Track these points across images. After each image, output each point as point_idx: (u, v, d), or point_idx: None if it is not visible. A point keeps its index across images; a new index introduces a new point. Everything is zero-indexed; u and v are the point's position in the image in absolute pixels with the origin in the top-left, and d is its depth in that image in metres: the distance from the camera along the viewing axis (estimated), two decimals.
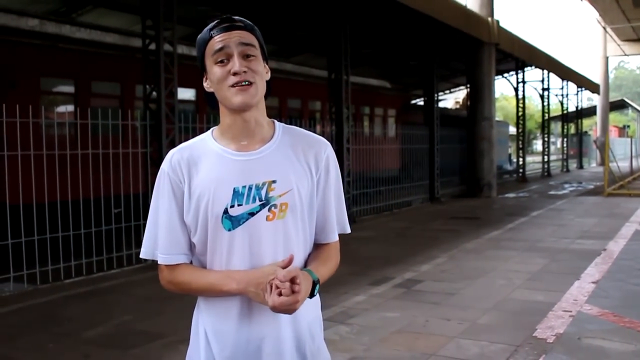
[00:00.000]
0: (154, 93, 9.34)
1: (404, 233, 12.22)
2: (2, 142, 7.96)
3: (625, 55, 46.65)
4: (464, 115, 22.35)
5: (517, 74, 26.87)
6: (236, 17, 1.87)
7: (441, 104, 23.42)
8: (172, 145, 9.18)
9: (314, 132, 2.06)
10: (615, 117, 68.54)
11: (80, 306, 6.94)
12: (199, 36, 1.89)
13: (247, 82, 1.81)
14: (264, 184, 1.84)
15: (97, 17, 14.52)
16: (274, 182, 1.84)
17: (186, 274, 1.88)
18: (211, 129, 1.95)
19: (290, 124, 2.13)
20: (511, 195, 20.59)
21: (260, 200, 1.83)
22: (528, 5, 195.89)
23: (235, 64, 1.80)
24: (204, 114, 11.82)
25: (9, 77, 9.91)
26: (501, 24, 20.02)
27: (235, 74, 1.80)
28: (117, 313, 6.53)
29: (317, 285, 1.85)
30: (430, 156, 18.60)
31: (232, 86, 1.81)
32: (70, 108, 11.18)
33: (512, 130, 38.42)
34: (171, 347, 5.39)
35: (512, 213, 15.09)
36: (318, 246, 2.00)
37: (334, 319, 6.09)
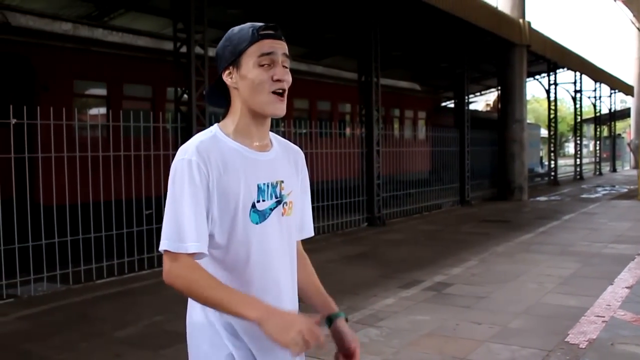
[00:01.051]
0: (185, 95, 9.42)
1: (434, 236, 12.15)
2: (36, 144, 8.10)
3: None
4: (495, 118, 22.17)
5: (548, 75, 26.59)
6: (277, 26, 1.96)
7: (472, 106, 23.25)
8: None
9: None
10: None
11: (112, 306, 7.01)
12: (234, 31, 1.94)
13: (283, 91, 1.92)
14: (277, 182, 1.98)
15: (129, 21, 14.68)
16: (282, 182, 1.99)
17: (204, 275, 1.82)
18: (214, 127, 1.97)
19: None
20: (543, 198, 20.38)
21: (276, 197, 1.97)
22: (560, 7, 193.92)
23: (280, 71, 1.90)
24: None
25: (42, 80, 10.05)
26: (533, 26, 19.82)
27: (279, 80, 1.89)
28: (147, 313, 6.59)
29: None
30: (461, 159, 18.49)
31: (274, 93, 1.90)
32: (102, 110, 11.31)
33: (544, 132, 38.07)
34: None
35: (544, 216, 14.93)
36: (297, 244, 2.16)
37: (364, 321, 6.08)
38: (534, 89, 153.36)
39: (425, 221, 14.59)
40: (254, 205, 1.90)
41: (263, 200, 1.93)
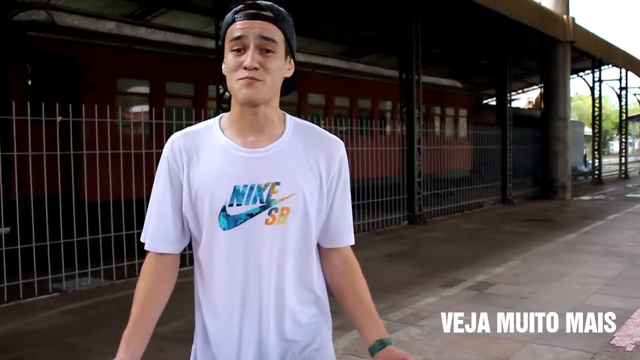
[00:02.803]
0: (227, 93, 9.47)
1: (476, 235, 12.03)
2: (81, 141, 8.23)
3: None
4: (538, 116, 21.86)
5: (593, 72, 26.14)
6: (264, 3, 1.74)
7: (514, 104, 22.97)
8: None
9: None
10: None
11: None
12: (226, 16, 1.79)
13: (254, 79, 1.70)
14: (266, 185, 1.74)
15: (171, 19, 14.85)
16: (277, 184, 1.75)
17: (141, 286, 1.87)
18: (219, 116, 1.86)
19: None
20: (586, 197, 20.04)
21: (262, 202, 1.74)
22: (606, 2, 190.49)
23: (248, 58, 1.68)
24: None
25: (87, 79, 10.22)
26: (577, 21, 19.49)
27: (245, 68, 1.69)
28: (190, 309, 6.56)
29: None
30: (503, 157, 18.27)
31: (240, 80, 1.70)
32: (145, 108, 11.45)
33: (588, 130, 37.45)
34: None
35: (588, 216, 14.67)
36: (332, 255, 1.91)
37: (405, 320, 6.04)
38: (578, 86, 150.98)
39: (466, 220, 14.46)
40: (224, 209, 1.73)
41: (238, 205, 1.73)
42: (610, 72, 28.08)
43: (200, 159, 1.78)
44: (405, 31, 13.72)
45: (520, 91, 32.90)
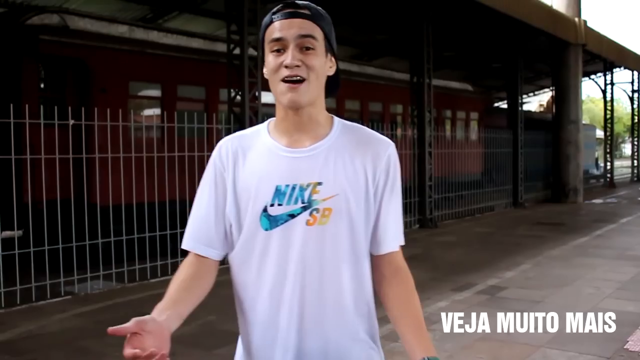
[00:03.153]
0: (238, 97, 9.50)
1: (487, 238, 12.00)
2: (93, 145, 8.27)
3: None
4: (549, 119, 21.81)
5: (605, 75, 26.03)
6: (302, 3, 1.73)
7: (525, 107, 22.89)
8: None
9: (392, 136, 1.88)
10: None
11: None
12: (264, 19, 1.76)
13: (298, 78, 1.68)
14: (308, 185, 1.70)
15: (183, 23, 14.90)
16: (319, 184, 1.70)
17: (177, 274, 1.80)
18: (269, 120, 1.84)
19: (372, 127, 2.00)
20: (598, 201, 19.94)
21: (303, 202, 1.69)
22: (617, 4, 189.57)
23: (289, 56, 1.67)
24: None
25: (99, 82, 10.26)
26: (589, 24, 19.42)
27: (287, 66, 1.67)
28: (201, 313, 6.61)
29: None
30: (514, 160, 18.23)
31: (284, 81, 1.68)
32: (157, 111, 11.49)
33: (599, 133, 37.25)
34: None
35: (600, 219, 14.60)
36: (380, 262, 1.82)
37: None
38: (589, 88, 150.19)
39: (477, 223, 14.42)
40: (266, 209, 1.70)
41: (279, 205, 1.70)
42: (622, 75, 27.95)
43: (246, 161, 1.77)
44: (416, 35, 13.71)
45: (532, 94, 32.78)
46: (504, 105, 27.15)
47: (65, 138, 7.49)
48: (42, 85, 10.12)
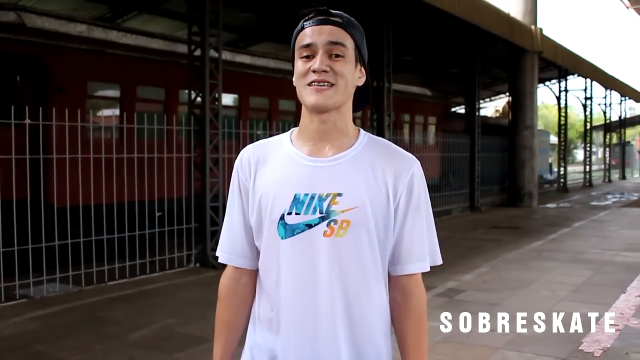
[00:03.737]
0: (199, 99, 9.44)
1: (445, 242, 12.00)
2: (50, 145, 8.13)
3: None
4: (505, 124, 22.14)
5: (559, 82, 26.53)
6: (334, 11, 1.72)
7: (481, 112, 23.23)
8: (216, 150, 9.29)
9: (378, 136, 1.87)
10: None
11: (125, 308, 7.03)
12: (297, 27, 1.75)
13: (326, 84, 1.66)
14: (327, 195, 1.66)
15: (142, 23, 14.74)
16: (339, 195, 1.66)
17: (223, 304, 1.85)
18: (292, 129, 1.83)
19: None
20: (552, 205, 20.32)
21: (321, 212, 1.66)
22: (571, 13, 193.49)
23: (317, 61, 1.65)
24: (246, 119, 11.94)
25: (58, 82, 10.09)
26: (544, 32, 19.78)
27: (314, 71, 1.65)
28: (160, 316, 6.60)
29: None
30: (471, 164, 18.46)
31: (309, 85, 1.67)
32: (116, 112, 11.36)
33: (553, 139, 37.97)
34: None
35: (554, 223, 14.88)
36: (394, 283, 1.79)
37: None
38: (543, 95, 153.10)
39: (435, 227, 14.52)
40: (283, 217, 1.68)
41: (297, 213, 1.67)
42: (575, 82, 28.42)
43: (267, 169, 1.76)
44: (377, 39, 13.79)
45: (488, 99, 33.25)
46: (461, 110, 27.47)
47: (22, 138, 7.35)
48: None
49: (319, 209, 1.66)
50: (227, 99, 11.60)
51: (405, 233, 1.75)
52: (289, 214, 1.68)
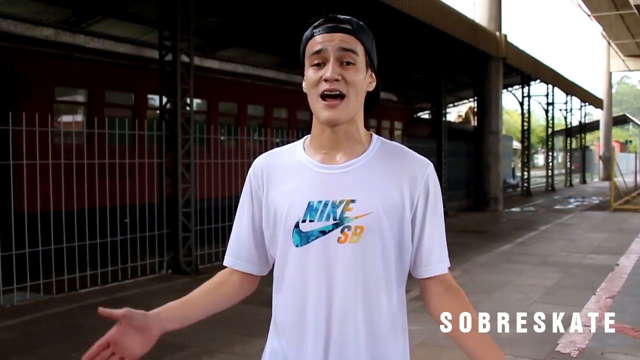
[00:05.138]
0: (169, 104, 9.35)
1: None
2: (19, 151, 7.98)
3: (629, 70, 46.89)
4: (470, 129, 22.42)
5: (522, 88, 26.93)
6: (344, 17, 1.72)
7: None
8: (188, 156, 9.21)
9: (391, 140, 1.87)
10: (616, 132, 68.54)
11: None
12: (305, 33, 1.75)
13: (337, 93, 1.66)
14: (341, 202, 1.67)
15: (108, 27, 14.58)
16: (352, 201, 1.67)
17: (217, 279, 1.85)
18: (305, 137, 1.84)
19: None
20: (517, 209, 20.59)
21: (335, 219, 1.66)
22: (534, 20, 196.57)
23: (329, 70, 1.65)
24: (216, 125, 11.87)
25: (24, 86, 9.92)
26: (508, 39, 20.09)
27: (326, 80, 1.65)
28: None
29: None
30: (438, 169, 18.59)
31: (322, 96, 1.67)
32: (84, 117, 11.20)
33: (516, 144, 38.48)
34: (194, 358, 5.38)
35: (521, 227, 15.09)
36: (427, 285, 1.81)
37: None
38: (505, 101, 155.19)
39: None
40: (297, 225, 1.69)
41: (311, 221, 1.67)
42: (537, 88, 28.85)
43: (281, 177, 1.76)
44: None
45: (452, 105, 33.58)
46: (426, 115, 27.70)
47: None
48: None
49: (332, 215, 1.67)
50: (196, 104, 11.50)
51: (432, 236, 1.77)
52: (303, 221, 1.68)
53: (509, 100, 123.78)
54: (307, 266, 1.69)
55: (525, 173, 27.49)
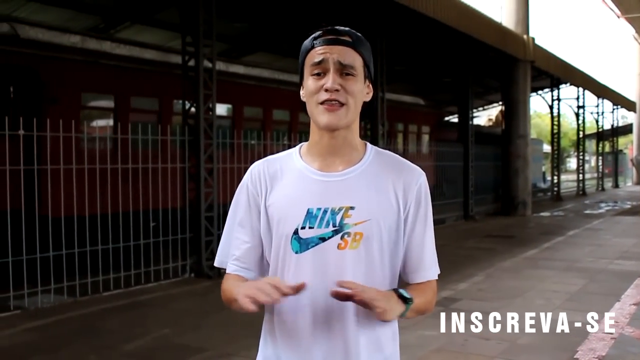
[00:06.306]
0: (193, 109, 9.44)
1: (439, 251, 11.93)
2: (44, 156, 8.12)
3: None
4: (498, 133, 22.22)
5: (552, 91, 26.65)
6: (343, 29, 1.78)
7: (474, 121, 23.28)
8: (210, 160, 9.28)
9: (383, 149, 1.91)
10: None
11: (119, 319, 7.01)
12: (303, 43, 1.79)
13: (337, 102, 1.71)
14: (340, 209, 1.72)
15: (135, 34, 14.75)
16: (351, 208, 1.72)
17: (229, 282, 1.82)
18: (300, 144, 1.87)
19: None
20: (546, 213, 20.37)
21: (334, 226, 1.71)
22: (564, 23, 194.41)
23: (329, 80, 1.70)
24: (240, 129, 11.95)
25: (51, 92, 10.09)
26: (537, 42, 19.89)
27: (327, 90, 1.70)
28: (155, 326, 6.58)
29: (409, 304, 1.70)
30: (465, 173, 18.51)
31: (322, 103, 1.72)
32: (110, 123, 11.35)
33: (546, 148, 38.08)
34: None
35: (548, 232, 14.92)
36: (412, 289, 1.80)
37: None
38: (536, 104, 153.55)
39: None
40: (296, 232, 1.73)
41: (310, 227, 1.71)
42: (568, 91, 28.51)
43: (278, 184, 1.79)
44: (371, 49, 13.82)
45: (481, 108, 33.35)
46: (454, 119, 27.55)
47: (16, 149, 7.34)
48: None
49: (332, 222, 1.72)
50: (221, 109, 11.62)
51: (415, 242, 1.82)
52: (303, 228, 1.72)
53: (541, 103, 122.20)
54: (307, 272, 1.72)
55: (555, 177, 27.16)
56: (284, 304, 1.75)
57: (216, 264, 1.91)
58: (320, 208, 1.72)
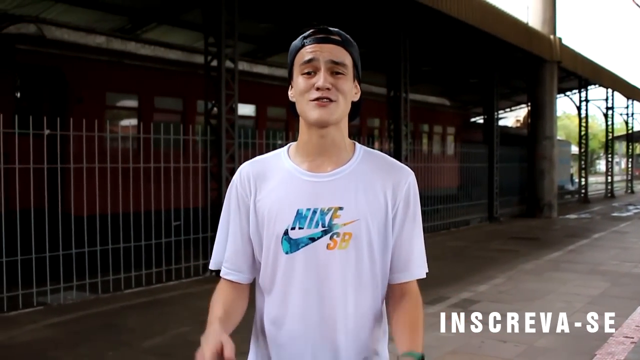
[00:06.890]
0: (215, 109, 9.51)
1: (461, 252, 12.08)
2: (68, 155, 8.24)
3: None
4: (525, 134, 22.03)
5: (580, 92, 26.37)
6: (333, 29, 1.78)
7: (501, 122, 23.15)
8: (232, 160, 9.34)
9: (372, 149, 1.92)
10: None
11: (139, 316, 7.09)
12: (293, 43, 1.80)
13: (327, 100, 1.71)
14: (329, 209, 1.73)
15: (161, 34, 14.88)
16: (340, 208, 1.73)
17: (215, 297, 1.84)
18: (288, 145, 1.87)
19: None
20: (572, 216, 20.15)
21: (324, 226, 1.72)
22: (592, 23, 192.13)
23: (321, 78, 1.70)
24: (263, 129, 12.00)
25: (76, 92, 10.23)
26: (564, 42, 19.70)
27: (318, 89, 1.70)
28: (174, 324, 6.64)
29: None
30: (490, 175, 18.39)
31: (312, 101, 1.71)
32: (133, 122, 11.46)
33: (574, 149, 37.69)
34: None
35: (573, 234, 14.76)
36: (395, 289, 1.83)
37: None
38: (565, 104, 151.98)
39: (452, 237, 14.51)
40: (287, 232, 1.73)
41: (300, 228, 1.72)
42: (596, 92, 28.27)
43: (267, 185, 1.80)
44: (394, 49, 13.82)
45: (508, 110, 33.11)
46: (480, 120, 27.38)
47: (40, 148, 7.46)
48: (17, 95, 10.06)
49: (321, 222, 1.72)
50: (244, 109, 11.68)
51: (404, 241, 1.82)
52: (293, 228, 1.73)
53: (570, 104, 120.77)
54: (297, 272, 1.74)
55: (583, 179, 26.86)
56: (274, 303, 1.78)
57: (211, 266, 1.92)
58: (309, 208, 1.73)
